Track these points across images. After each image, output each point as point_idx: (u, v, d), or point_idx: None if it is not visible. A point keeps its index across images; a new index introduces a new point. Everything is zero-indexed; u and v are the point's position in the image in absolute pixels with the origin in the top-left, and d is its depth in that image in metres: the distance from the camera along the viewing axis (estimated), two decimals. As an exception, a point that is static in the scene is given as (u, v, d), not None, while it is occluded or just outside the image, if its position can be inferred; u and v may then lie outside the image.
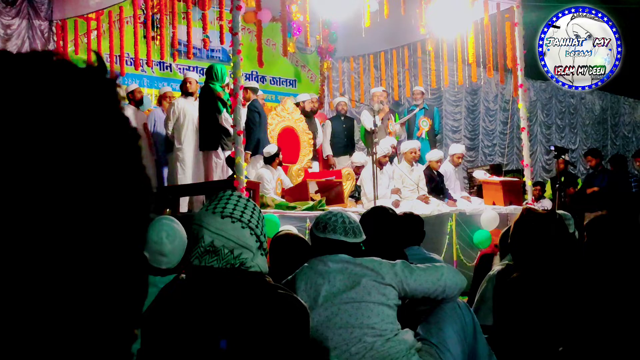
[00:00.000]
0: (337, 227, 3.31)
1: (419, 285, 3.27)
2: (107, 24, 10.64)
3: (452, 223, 9.51)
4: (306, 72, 14.00)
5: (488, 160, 16.70)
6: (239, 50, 8.03)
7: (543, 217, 3.65)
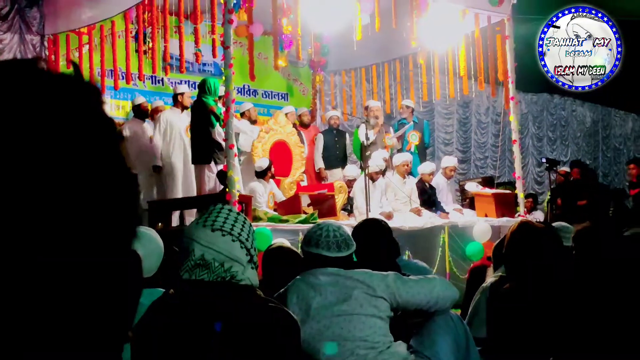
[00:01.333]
0: (323, 241, 3.31)
1: (412, 297, 3.27)
2: (98, 38, 10.64)
3: (445, 235, 9.51)
4: (298, 86, 14.02)
5: (480, 173, 16.73)
6: (230, 64, 8.04)
7: (538, 229, 3.65)
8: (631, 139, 20.60)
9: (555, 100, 19.23)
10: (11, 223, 0.63)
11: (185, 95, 10.28)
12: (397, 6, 9.99)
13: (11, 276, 0.63)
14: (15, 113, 0.66)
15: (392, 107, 13.52)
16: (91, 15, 10.15)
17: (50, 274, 0.65)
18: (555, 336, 3.26)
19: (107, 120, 0.74)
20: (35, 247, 0.64)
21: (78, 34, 10.68)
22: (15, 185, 0.63)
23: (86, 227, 0.67)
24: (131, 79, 10.74)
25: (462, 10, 10.37)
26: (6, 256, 0.63)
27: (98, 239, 0.68)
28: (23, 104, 0.67)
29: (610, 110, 20.27)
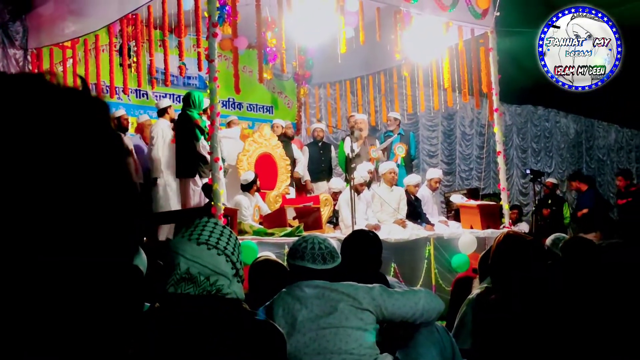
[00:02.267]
0: (308, 254, 3.32)
1: (397, 309, 3.27)
2: (82, 52, 10.62)
3: (430, 247, 9.52)
4: (283, 99, 14.05)
5: (465, 185, 16.78)
6: (215, 77, 8.04)
7: (524, 240, 3.67)
8: (614, 150, 20.74)
9: (539, 111, 19.35)
10: (18, 230, 0.65)
11: (172, 108, 10.27)
12: (381, 19, 10.03)
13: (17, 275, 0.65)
14: (25, 125, 0.67)
15: (377, 120, 13.55)
16: (75, 30, 10.13)
17: (53, 276, 0.66)
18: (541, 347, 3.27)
19: (113, 134, 0.75)
20: (40, 249, 0.66)
21: (62, 47, 10.66)
22: (24, 194, 0.65)
23: (88, 234, 0.68)
24: (115, 93, 10.72)
25: (445, 23, 10.43)
26: (16, 257, 0.65)
27: (99, 247, 0.70)
28: (33, 116, 0.68)
29: (594, 121, 20.41)
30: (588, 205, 12.52)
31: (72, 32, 10.18)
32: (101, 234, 0.70)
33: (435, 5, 10.16)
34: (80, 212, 0.68)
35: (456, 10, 10.39)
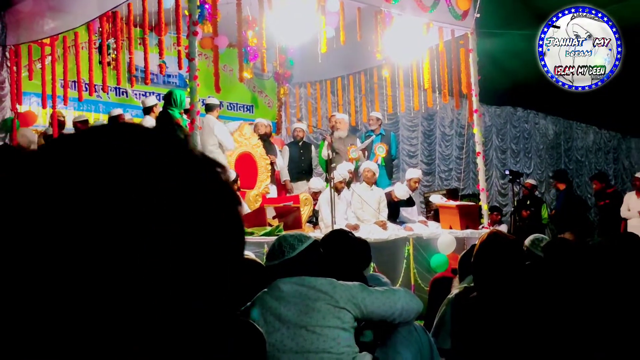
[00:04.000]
0: (276, 251, 3.35)
1: (376, 308, 3.27)
2: (61, 49, 10.54)
3: (410, 247, 9.54)
4: (263, 98, 14.02)
5: (445, 185, 16.84)
6: (195, 75, 8.01)
7: (507, 240, 3.68)
8: (592, 152, 20.90)
9: (519, 113, 19.45)
10: None
11: (158, 106, 10.22)
12: (362, 19, 10.04)
13: None
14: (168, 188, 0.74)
15: (357, 120, 13.57)
16: (54, 26, 10.05)
17: None
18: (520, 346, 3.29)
19: (237, 199, 0.84)
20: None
21: (40, 44, 10.57)
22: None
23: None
24: (94, 91, 10.64)
25: (426, 23, 10.46)
26: None
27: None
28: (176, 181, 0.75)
29: (572, 123, 20.55)
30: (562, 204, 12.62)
31: (51, 28, 10.10)
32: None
33: (416, 5, 10.19)
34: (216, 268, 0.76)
35: (437, 11, 10.42)
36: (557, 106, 18.45)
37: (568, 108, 18.45)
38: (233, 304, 0.78)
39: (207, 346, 0.74)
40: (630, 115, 17.72)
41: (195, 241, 0.73)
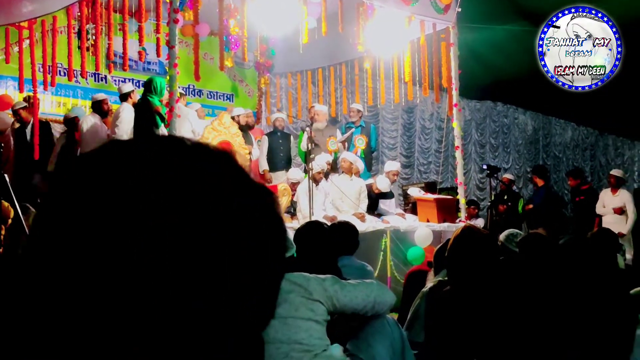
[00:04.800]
0: None
1: (349, 301, 3.28)
2: (39, 33, 10.43)
3: (387, 239, 9.56)
4: (244, 87, 13.98)
5: (423, 178, 16.88)
6: (175, 63, 7.97)
7: (481, 235, 3.70)
8: (570, 148, 21.03)
9: (498, 107, 19.52)
10: None
11: (135, 92, 10.14)
12: (344, 11, 10.03)
13: None
14: None
15: (337, 111, 13.57)
16: (32, 9, 9.94)
17: None
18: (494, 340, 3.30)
19: (282, 224, 0.86)
20: None
21: (18, 27, 10.44)
22: None
23: None
24: (73, 76, 10.56)
25: (407, 16, 10.46)
26: None
27: None
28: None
29: (551, 119, 20.66)
30: (540, 200, 12.70)
31: (30, 11, 9.98)
32: None
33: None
34: None
35: (419, 4, 10.43)
36: (537, 102, 18.55)
37: (547, 104, 18.55)
38: (236, 305, 0.78)
39: (207, 346, 0.74)
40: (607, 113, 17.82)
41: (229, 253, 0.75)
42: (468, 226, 3.88)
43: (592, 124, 20.76)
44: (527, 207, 12.84)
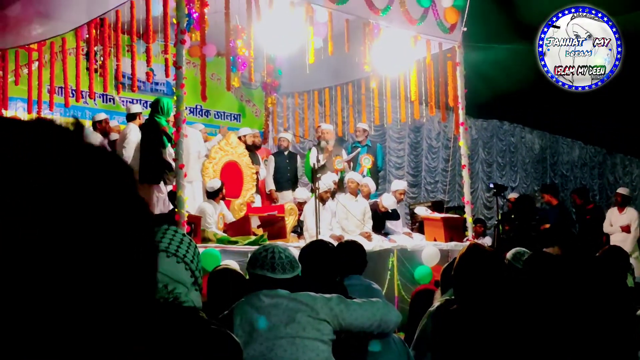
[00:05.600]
0: (268, 263, 3.32)
1: (355, 320, 3.28)
2: (49, 54, 10.53)
3: (394, 259, 9.55)
4: (251, 107, 14.04)
5: (430, 197, 16.86)
6: (182, 84, 8.01)
7: (487, 253, 3.69)
8: (578, 166, 21.01)
9: (505, 126, 19.54)
10: None
11: (142, 115, 10.24)
12: (350, 31, 10.07)
13: None
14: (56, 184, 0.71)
15: (344, 130, 13.60)
16: (42, 32, 10.03)
17: None
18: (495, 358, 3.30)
19: (139, 199, 0.80)
20: None
21: (27, 50, 10.55)
22: None
23: None
24: (81, 97, 10.63)
25: (413, 36, 10.51)
26: None
27: None
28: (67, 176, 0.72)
29: (558, 137, 20.66)
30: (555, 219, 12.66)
31: (39, 34, 10.08)
32: None
33: (404, 18, 10.24)
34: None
35: (425, 24, 10.48)
36: (543, 121, 18.56)
37: (554, 123, 18.56)
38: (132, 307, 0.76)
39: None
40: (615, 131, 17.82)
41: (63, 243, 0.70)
42: (474, 244, 3.88)
43: (599, 143, 20.74)
44: (543, 226, 12.79)
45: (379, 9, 9.91)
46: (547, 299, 3.85)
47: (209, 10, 8.64)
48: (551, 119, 18.27)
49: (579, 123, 17.69)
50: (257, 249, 3.47)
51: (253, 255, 3.41)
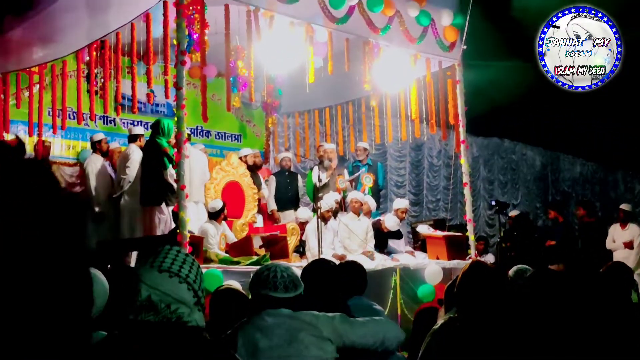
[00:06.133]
0: (271, 282, 3.31)
1: (358, 339, 3.27)
2: (49, 77, 10.56)
3: (396, 277, 9.53)
4: (252, 127, 14.05)
5: (432, 215, 16.85)
6: (183, 104, 8.01)
7: (489, 269, 3.68)
8: (579, 183, 21.00)
9: (506, 144, 19.55)
10: None
11: (144, 137, 10.28)
12: (350, 50, 10.10)
13: None
14: None
15: (345, 149, 13.60)
16: (42, 55, 10.07)
17: None
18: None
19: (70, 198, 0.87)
20: None
21: (28, 73, 10.58)
22: None
23: None
24: (82, 119, 10.65)
25: (413, 55, 10.54)
26: None
27: None
28: None
29: (559, 154, 20.66)
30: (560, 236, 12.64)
31: (40, 57, 10.12)
32: None
33: (404, 37, 10.27)
34: None
35: (424, 42, 10.51)
36: (544, 138, 18.57)
37: (555, 140, 18.57)
38: None
39: None
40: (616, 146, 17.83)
41: None
42: (476, 261, 3.87)
43: (600, 159, 20.73)
44: (548, 242, 12.76)
45: (378, 28, 9.94)
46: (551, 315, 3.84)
47: (209, 31, 8.67)
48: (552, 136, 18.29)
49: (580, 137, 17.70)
50: (259, 269, 3.47)
51: (255, 275, 3.40)
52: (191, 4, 8.34)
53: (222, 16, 8.77)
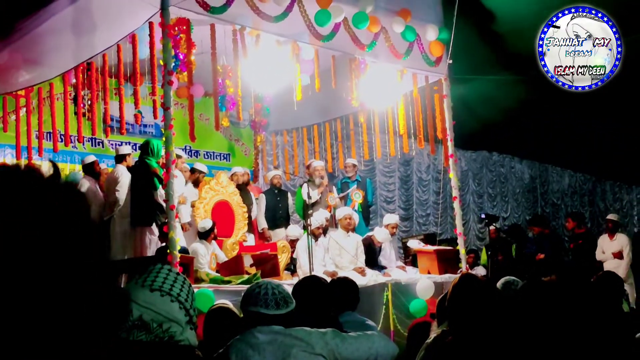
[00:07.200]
0: (262, 299, 3.31)
1: (351, 354, 3.26)
2: (36, 100, 10.55)
3: (388, 293, 9.52)
4: (240, 146, 14.06)
5: (422, 230, 16.86)
6: (171, 125, 8.01)
7: (479, 282, 3.69)
8: (568, 194, 21.06)
9: (494, 157, 19.61)
10: None
11: (131, 156, 10.26)
12: (337, 67, 10.13)
13: None
14: None
15: (334, 166, 13.61)
16: (29, 78, 10.06)
17: None
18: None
19: (91, 222, 0.96)
20: None
21: (15, 96, 10.56)
22: None
23: None
24: (70, 141, 10.63)
25: (400, 70, 10.58)
26: None
27: None
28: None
29: (548, 166, 20.74)
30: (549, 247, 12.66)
31: (27, 80, 10.10)
32: None
33: (390, 53, 10.30)
34: None
35: (410, 58, 10.54)
36: (532, 150, 18.63)
37: (543, 151, 18.63)
38: None
39: None
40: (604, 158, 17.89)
41: None
42: (466, 273, 3.88)
43: (588, 170, 20.81)
44: (538, 256, 12.77)
45: (364, 45, 9.98)
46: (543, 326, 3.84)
47: (195, 51, 8.69)
48: (540, 148, 18.34)
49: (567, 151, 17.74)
50: (250, 286, 3.47)
51: (246, 293, 3.40)
52: (177, 24, 8.36)
53: (208, 36, 8.79)
